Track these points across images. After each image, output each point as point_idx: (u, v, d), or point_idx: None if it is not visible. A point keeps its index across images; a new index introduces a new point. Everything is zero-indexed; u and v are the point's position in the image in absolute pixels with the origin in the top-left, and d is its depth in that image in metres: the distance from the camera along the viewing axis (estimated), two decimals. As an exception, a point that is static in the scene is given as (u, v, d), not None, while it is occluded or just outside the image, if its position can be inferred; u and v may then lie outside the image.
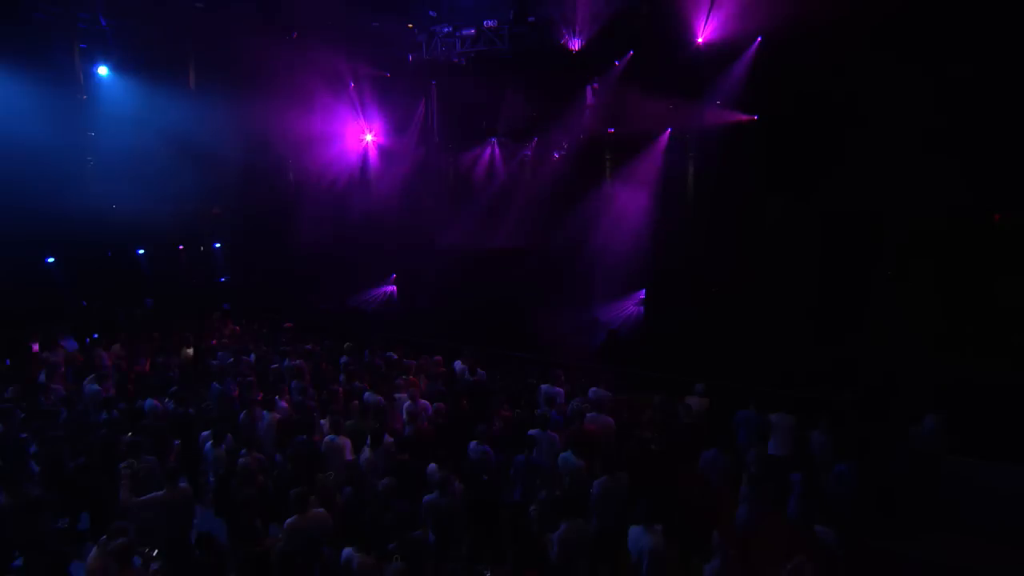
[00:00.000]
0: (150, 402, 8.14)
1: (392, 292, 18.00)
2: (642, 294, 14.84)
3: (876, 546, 6.42)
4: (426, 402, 7.84)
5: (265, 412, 7.60)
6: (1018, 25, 9.72)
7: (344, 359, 10.08)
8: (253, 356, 10.32)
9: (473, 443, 6.65)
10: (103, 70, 14.58)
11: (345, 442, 6.74)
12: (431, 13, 16.32)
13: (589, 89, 15.65)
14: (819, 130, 11.55)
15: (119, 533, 4.88)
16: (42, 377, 8.95)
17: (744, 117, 13.43)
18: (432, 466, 6.06)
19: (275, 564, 5.04)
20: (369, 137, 18.19)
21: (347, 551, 4.85)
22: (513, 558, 5.84)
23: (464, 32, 15.30)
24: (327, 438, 6.81)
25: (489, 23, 14.91)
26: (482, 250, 16.10)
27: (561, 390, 8.33)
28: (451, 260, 16.28)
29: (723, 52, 13.22)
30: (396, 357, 9.99)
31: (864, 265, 11.87)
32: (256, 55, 15.02)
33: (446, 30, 15.53)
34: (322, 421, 7.36)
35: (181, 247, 16.67)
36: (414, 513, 5.29)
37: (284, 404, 7.96)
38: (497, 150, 17.38)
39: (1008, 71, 9.95)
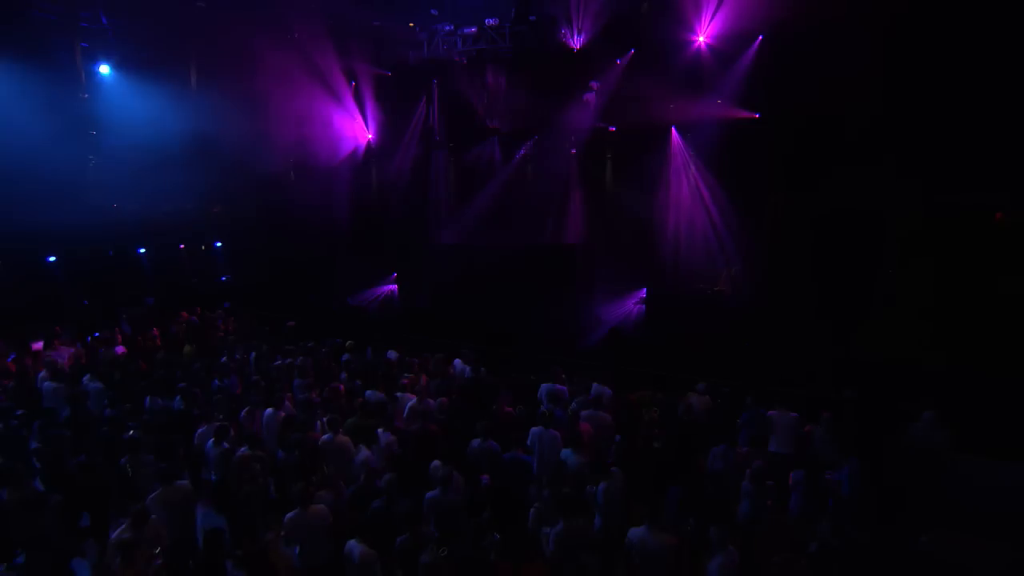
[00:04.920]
0: (149, 399, 8.15)
1: (393, 291, 18.00)
2: (643, 292, 14.84)
3: (878, 544, 6.41)
4: (429, 400, 7.84)
5: (267, 410, 7.61)
6: (1018, 24, 9.72)
7: (346, 357, 10.09)
8: (254, 354, 10.32)
9: (476, 441, 6.65)
10: (104, 69, 14.60)
11: (345, 440, 6.73)
12: (432, 12, 16.35)
13: (590, 88, 15.66)
14: (820, 128, 11.55)
15: (139, 517, 4.92)
16: (43, 375, 8.94)
17: (746, 115, 13.43)
18: (435, 463, 6.06)
19: None
20: (370, 136, 18.20)
21: (351, 543, 4.88)
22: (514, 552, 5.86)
23: (465, 31, 15.33)
24: (326, 436, 6.80)
25: (490, 22, 14.93)
26: (483, 248, 16.10)
27: (564, 388, 8.33)
28: (452, 259, 16.29)
29: (724, 51, 13.25)
30: (397, 356, 9.98)
31: (865, 263, 11.86)
32: (257, 54, 15.04)
33: (447, 29, 15.55)
34: (321, 420, 7.35)
35: (182, 246, 16.67)
36: (417, 510, 5.29)
37: (287, 402, 7.96)
38: (498, 149, 17.38)
39: (1009, 69, 9.95)
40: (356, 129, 18.04)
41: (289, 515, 5.24)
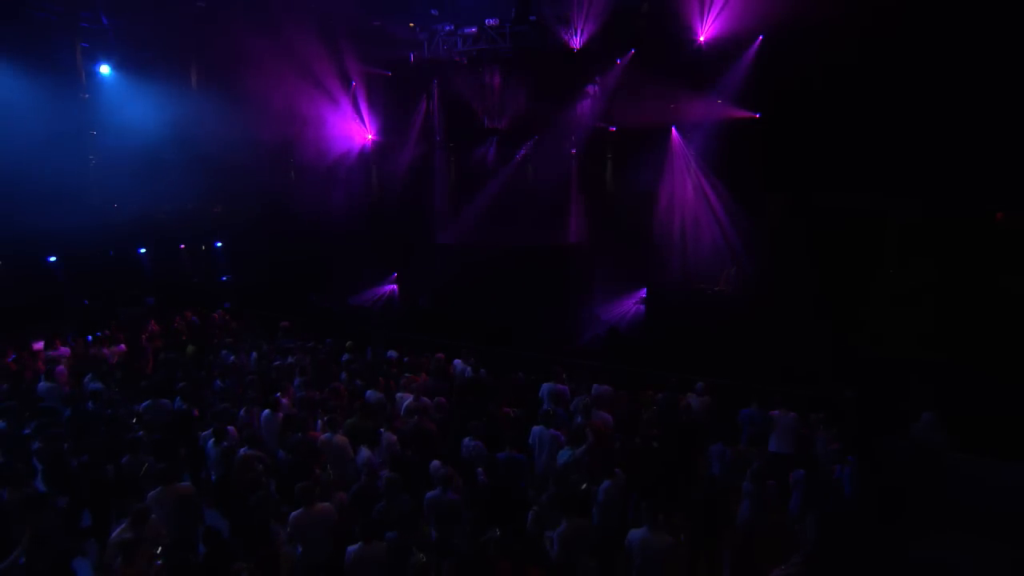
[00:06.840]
0: (149, 400, 8.15)
1: (393, 291, 18.02)
2: (643, 292, 14.84)
3: (878, 544, 6.42)
4: (428, 399, 7.84)
5: (267, 409, 7.61)
6: (1018, 24, 9.73)
7: (346, 357, 10.09)
8: (255, 355, 10.33)
9: (467, 439, 6.66)
10: (105, 69, 14.60)
11: (344, 440, 6.73)
12: (433, 12, 16.34)
13: (590, 88, 15.67)
14: (821, 128, 11.55)
15: (140, 516, 4.94)
16: (44, 375, 8.95)
17: (746, 115, 13.43)
18: (435, 463, 6.07)
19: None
20: (370, 136, 18.20)
21: (360, 543, 4.88)
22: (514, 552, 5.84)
23: (465, 31, 15.33)
24: (325, 436, 6.80)
25: (490, 22, 14.93)
26: (483, 248, 16.11)
27: (566, 387, 8.33)
28: (452, 258, 16.30)
29: (724, 51, 13.26)
30: (397, 356, 9.99)
31: (866, 263, 11.87)
32: (258, 54, 15.03)
33: (448, 29, 15.55)
34: (322, 419, 7.34)
35: (183, 246, 16.67)
36: (417, 509, 5.30)
37: (286, 402, 7.96)
38: (498, 149, 17.40)
39: (1009, 70, 9.95)
40: (356, 129, 18.04)
41: (294, 514, 5.25)
